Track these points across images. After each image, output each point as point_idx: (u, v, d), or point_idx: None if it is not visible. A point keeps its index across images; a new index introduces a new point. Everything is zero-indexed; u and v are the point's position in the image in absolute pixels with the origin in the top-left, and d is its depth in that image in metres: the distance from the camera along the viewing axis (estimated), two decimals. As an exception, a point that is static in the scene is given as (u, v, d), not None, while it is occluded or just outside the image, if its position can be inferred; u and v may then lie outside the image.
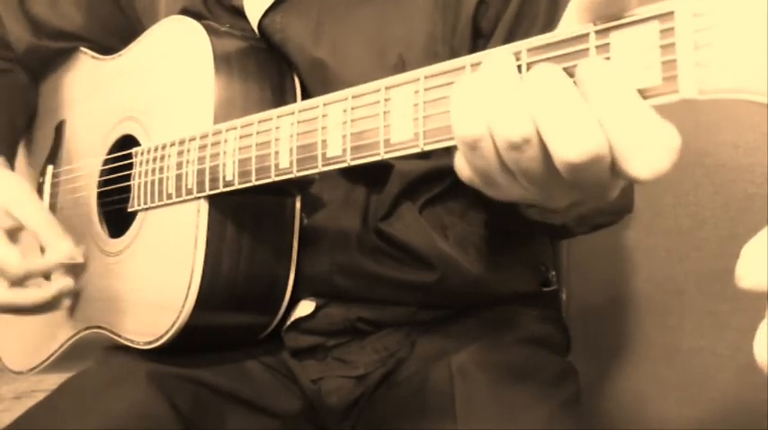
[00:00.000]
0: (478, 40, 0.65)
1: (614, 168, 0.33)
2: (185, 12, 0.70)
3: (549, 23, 0.37)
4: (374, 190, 0.67)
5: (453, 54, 0.41)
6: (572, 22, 0.36)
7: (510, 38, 0.62)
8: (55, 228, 0.68)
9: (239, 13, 0.70)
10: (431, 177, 0.67)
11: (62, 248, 0.67)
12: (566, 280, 0.89)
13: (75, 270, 0.71)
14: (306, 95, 0.67)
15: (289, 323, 0.70)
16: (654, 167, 0.32)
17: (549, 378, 0.67)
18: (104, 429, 0.59)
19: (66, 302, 0.71)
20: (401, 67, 0.63)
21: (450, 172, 0.67)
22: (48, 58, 0.86)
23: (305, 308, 0.69)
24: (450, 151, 0.68)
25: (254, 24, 0.68)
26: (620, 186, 0.38)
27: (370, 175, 0.67)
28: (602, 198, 0.38)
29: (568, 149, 0.33)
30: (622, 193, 0.44)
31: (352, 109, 0.46)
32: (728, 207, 0.95)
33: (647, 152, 0.32)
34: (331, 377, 0.70)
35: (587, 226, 0.65)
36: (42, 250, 0.69)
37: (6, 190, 0.70)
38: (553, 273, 0.78)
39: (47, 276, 0.69)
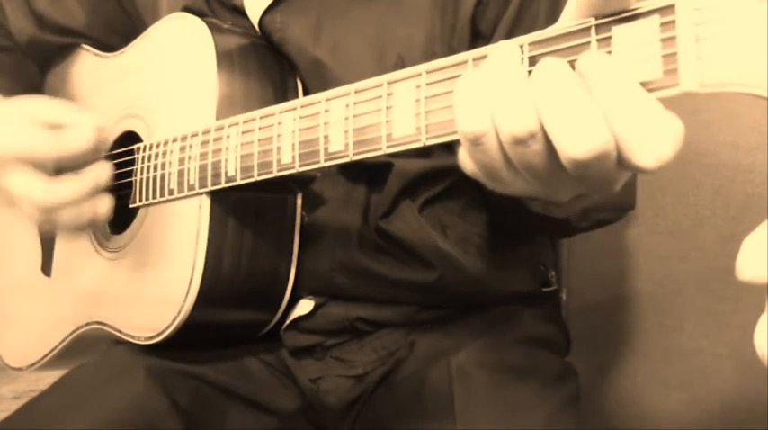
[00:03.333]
0: (478, 41, 0.65)
1: (619, 159, 0.33)
2: (187, 10, 0.70)
3: (550, 23, 0.37)
4: (375, 188, 0.67)
5: (451, 54, 0.41)
6: (572, 18, 0.36)
7: (510, 38, 0.62)
8: (75, 109, 0.65)
9: (240, 11, 0.70)
10: (431, 176, 0.67)
11: (87, 122, 0.63)
12: (566, 279, 0.89)
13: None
14: (306, 94, 0.67)
15: (288, 322, 0.70)
16: (658, 156, 0.32)
17: (549, 378, 0.67)
18: (104, 424, 0.59)
19: (106, 204, 0.64)
20: (400, 66, 0.63)
21: (450, 171, 0.68)
22: (50, 53, 0.86)
23: (304, 306, 0.69)
24: (451, 149, 0.68)
25: (255, 23, 0.68)
26: (624, 179, 0.38)
27: (371, 173, 0.67)
28: (606, 191, 0.38)
29: (575, 146, 0.33)
30: (624, 189, 0.43)
31: (355, 104, 0.46)
32: (728, 207, 0.96)
33: (652, 142, 0.32)
34: (330, 376, 0.70)
35: (590, 221, 0.65)
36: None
37: (28, 100, 0.67)
38: (553, 272, 0.78)
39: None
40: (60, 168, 0.62)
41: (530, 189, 0.39)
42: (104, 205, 0.64)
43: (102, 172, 0.63)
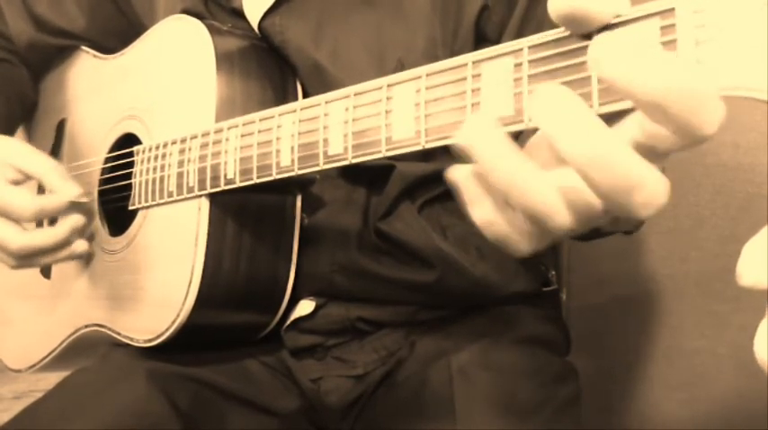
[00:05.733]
0: (483, 45, 0.65)
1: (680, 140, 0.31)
2: (185, 12, 0.70)
3: (558, 26, 0.36)
4: (375, 190, 0.67)
5: None
6: None
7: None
8: (60, 172, 0.68)
9: (239, 15, 0.70)
10: (432, 179, 0.67)
11: (68, 188, 0.67)
12: (566, 280, 0.89)
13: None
14: (306, 97, 0.67)
15: (288, 322, 0.70)
16: (716, 120, 0.29)
17: (549, 378, 0.67)
18: (104, 428, 0.59)
19: (83, 245, 0.69)
20: (400, 71, 0.63)
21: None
22: (49, 55, 0.86)
23: (304, 307, 0.69)
24: (453, 153, 0.68)
25: (254, 26, 0.69)
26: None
27: (372, 176, 0.67)
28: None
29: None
30: None
31: (354, 107, 0.46)
32: (729, 207, 0.96)
33: (701, 112, 0.29)
34: (330, 376, 0.70)
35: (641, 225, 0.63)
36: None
37: (6, 145, 0.70)
38: (553, 272, 0.78)
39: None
40: None
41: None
42: (80, 247, 0.69)
43: (77, 222, 0.68)
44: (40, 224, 0.76)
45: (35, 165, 0.68)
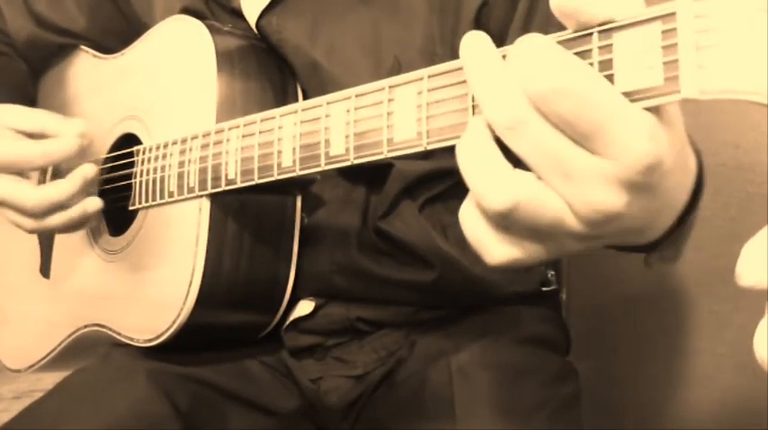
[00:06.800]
0: None
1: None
2: (186, 11, 0.70)
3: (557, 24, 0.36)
4: (374, 189, 0.67)
5: (455, 55, 0.40)
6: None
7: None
8: (57, 116, 0.68)
9: (239, 14, 0.70)
10: (432, 177, 0.67)
11: (71, 125, 0.67)
12: (566, 280, 0.89)
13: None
14: (304, 96, 0.67)
15: (288, 322, 0.70)
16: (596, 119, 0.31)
17: (549, 378, 0.67)
18: (104, 428, 0.59)
19: (94, 202, 0.69)
20: (397, 68, 0.63)
21: (451, 173, 0.68)
22: (48, 53, 0.86)
23: (304, 307, 0.69)
24: (452, 152, 0.68)
25: (252, 25, 0.69)
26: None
27: (371, 175, 0.67)
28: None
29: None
30: None
31: (356, 108, 0.46)
32: (729, 207, 0.96)
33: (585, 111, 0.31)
34: (330, 376, 0.71)
35: None
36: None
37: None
38: (552, 272, 0.78)
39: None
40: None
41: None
42: (93, 205, 0.68)
43: (88, 172, 0.67)
44: None
45: (32, 120, 0.68)
